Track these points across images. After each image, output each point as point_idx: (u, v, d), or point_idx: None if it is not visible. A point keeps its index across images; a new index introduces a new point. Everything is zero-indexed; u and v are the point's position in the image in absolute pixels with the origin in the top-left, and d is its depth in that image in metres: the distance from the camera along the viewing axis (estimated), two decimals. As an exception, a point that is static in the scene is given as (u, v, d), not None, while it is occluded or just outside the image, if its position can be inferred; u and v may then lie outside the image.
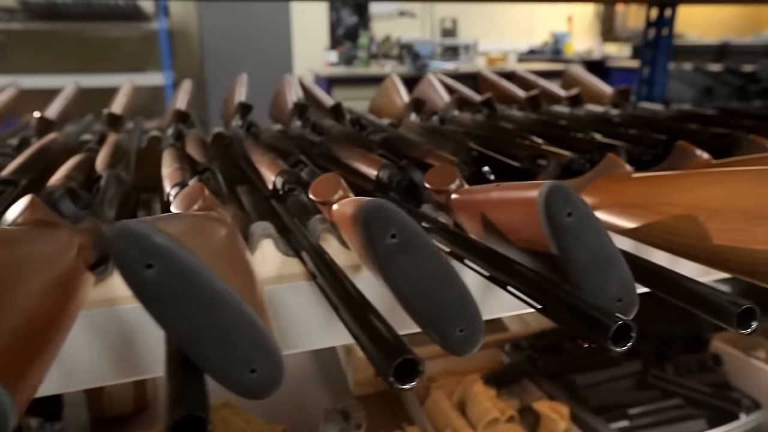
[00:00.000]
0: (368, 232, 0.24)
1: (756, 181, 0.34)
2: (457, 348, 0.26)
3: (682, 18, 4.02)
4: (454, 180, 0.43)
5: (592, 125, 0.78)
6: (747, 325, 0.28)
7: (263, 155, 0.57)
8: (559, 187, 0.27)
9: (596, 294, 0.29)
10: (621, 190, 0.43)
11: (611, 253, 0.28)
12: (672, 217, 0.37)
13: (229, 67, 3.45)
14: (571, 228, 0.27)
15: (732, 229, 0.33)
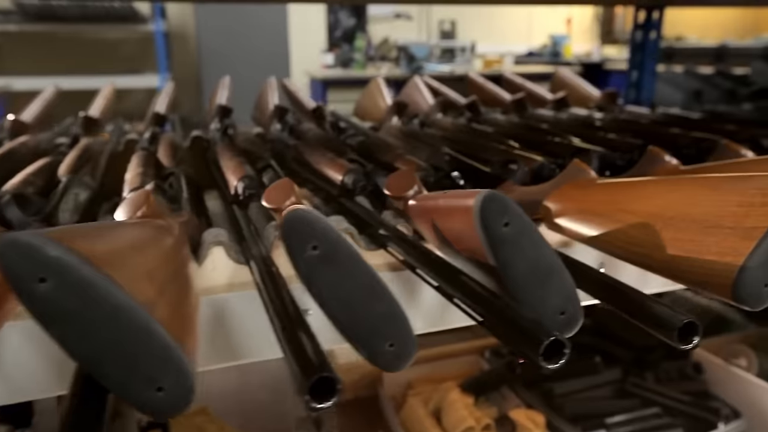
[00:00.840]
0: (289, 243, 0.23)
1: (711, 188, 0.33)
2: (386, 364, 0.26)
3: (682, 20, 4.02)
4: (412, 186, 0.42)
5: (573, 129, 0.77)
6: (689, 340, 0.27)
7: (230, 159, 0.56)
8: (494, 197, 0.26)
9: (537, 307, 0.28)
10: (584, 197, 0.42)
11: (552, 265, 0.27)
12: (630, 225, 0.36)
13: (226, 70, 3.44)
14: (508, 239, 0.26)
15: (686, 238, 0.32)
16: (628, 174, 0.50)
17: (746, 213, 0.31)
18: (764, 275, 0.29)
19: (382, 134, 0.80)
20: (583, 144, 0.63)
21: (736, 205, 0.31)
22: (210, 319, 0.39)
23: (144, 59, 3.29)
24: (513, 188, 0.49)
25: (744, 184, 0.32)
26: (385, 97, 0.98)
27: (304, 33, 3.67)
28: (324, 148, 0.63)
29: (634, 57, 1.12)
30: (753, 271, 0.29)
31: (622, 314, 0.29)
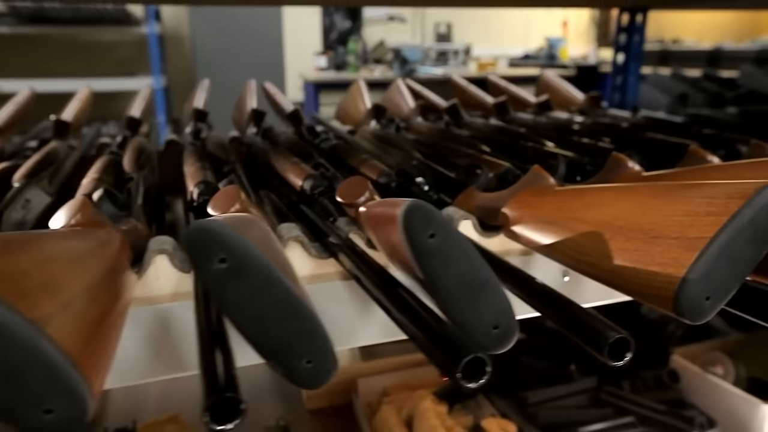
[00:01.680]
0: (193, 256, 0.22)
1: (659, 197, 0.32)
2: (305, 381, 0.25)
3: (679, 23, 4.01)
4: (363, 193, 0.41)
5: (550, 133, 0.76)
6: (620, 356, 0.26)
7: (192, 165, 0.55)
8: (417, 207, 0.25)
9: (469, 322, 0.27)
10: (540, 204, 0.41)
11: (484, 278, 0.26)
12: (580, 234, 0.35)
13: (220, 72, 3.44)
14: (434, 251, 0.25)
15: (632, 248, 0.31)
16: (592, 180, 0.49)
17: (691, 223, 0.30)
18: (705, 288, 0.28)
19: (357, 138, 0.80)
20: (554, 149, 0.62)
21: (681, 214, 0.30)
22: (155, 329, 0.39)
23: (138, 62, 3.29)
24: (474, 194, 0.48)
25: (691, 192, 0.31)
26: (365, 101, 0.97)
27: (299, 36, 3.67)
28: (290, 153, 0.62)
29: (618, 60, 1.11)
30: (694, 284, 0.28)
31: (557, 325, 0.28)
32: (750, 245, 0.28)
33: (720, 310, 0.30)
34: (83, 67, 3.14)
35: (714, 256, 0.28)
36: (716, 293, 0.28)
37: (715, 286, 0.28)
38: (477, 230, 0.45)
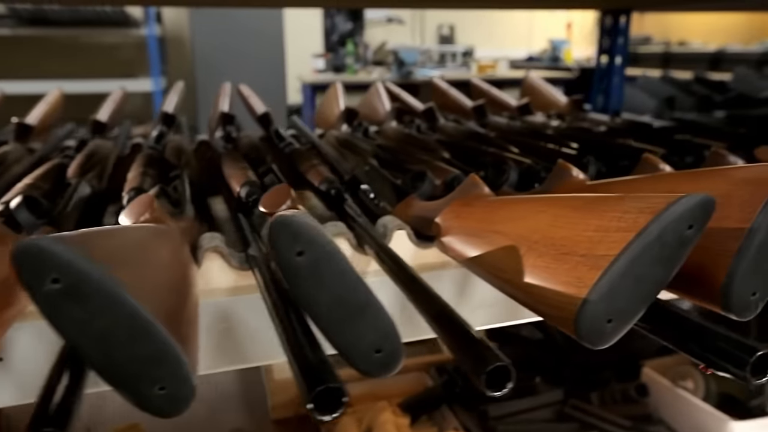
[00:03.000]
0: (21, 275, 0.21)
1: (576, 210, 0.31)
2: (158, 409, 0.23)
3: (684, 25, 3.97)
4: (284, 202, 0.39)
5: (519, 138, 0.74)
6: (500, 386, 0.24)
7: (132, 170, 0.54)
8: (284, 221, 0.23)
9: (347, 345, 0.25)
10: (468, 215, 0.39)
11: (362, 300, 0.25)
12: (499, 248, 0.33)
13: (221, 74, 3.44)
14: (303, 269, 0.24)
15: (543, 265, 0.29)
16: (538, 189, 0.47)
17: (600, 239, 0.28)
18: (607, 310, 0.26)
19: (323, 142, 0.78)
20: (512, 155, 0.60)
21: (593, 229, 0.29)
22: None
23: (139, 63, 3.29)
24: (413, 203, 0.46)
25: (605, 206, 0.29)
26: (339, 104, 0.96)
27: (300, 37, 3.66)
28: (243, 158, 0.60)
29: (602, 62, 1.09)
30: (594, 305, 0.26)
31: (447, 346, 0.26)
32: (657, 264, 0.26)
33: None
34: (84, 68, 3.15)
35: (617, 276, 0.26)
36: (619, 315, 0.26)
37: (617, 308, 0.26)
38: (412, 241, 0.43)
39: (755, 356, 0.24)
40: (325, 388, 0.23)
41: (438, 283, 0.44)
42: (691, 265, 0.31)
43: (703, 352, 0.26)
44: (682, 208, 0.26)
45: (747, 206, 0.30)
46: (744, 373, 0.24)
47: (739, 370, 0.25)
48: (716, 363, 0.26)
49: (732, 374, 0.25)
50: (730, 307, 0.29)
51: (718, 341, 0.26)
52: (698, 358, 0.27)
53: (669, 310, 0.29)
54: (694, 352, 0.27)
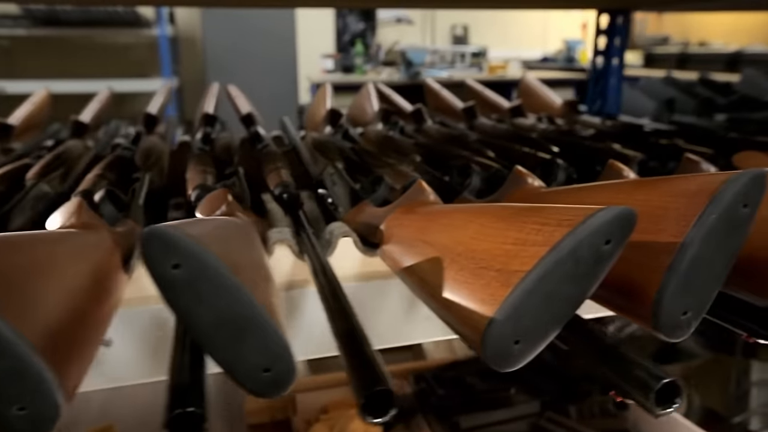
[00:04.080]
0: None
1: (500, 220, 0.29)
2: (20, 429, 0.22)
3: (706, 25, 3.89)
4: (220, 206, 0.38)
5: (499, 141, 0.72)
6: (381, 413, 0.22)
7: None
8: (157, 233, 0.22)
9: (232, 364, 0.24)
10: (407, 223, 0.37)
11: (248, 316, 0.23)
12: (426, 259, 0.32)
13: (232, 74, 3.45)
14: (180, 283, 0.22)
15: (461, 279, 0.28)
16: (492, 197, 0.45)
17: (516, 252, 0.26)
18: (514, 330, 0.24)
19: (302, 144, 0.77)
20: (482, 159, 0.58)
21: (512, 242, 0.27)
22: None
23: (151, 63, 3.32)
24: (364, 209, 0.45)
25: (527, 216, 0.27)
26: (326, 105, 0.95)
27: (312, 38, 3.67)
28: (207, 160, 0.59)
29: (598, 64, 1.06)
30: (500, 325, 0.24)
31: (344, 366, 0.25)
32: (570, 281, 0.25)
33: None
34: (97, 68, 3.19)
35: (524, 294, 0.24)
36: (527, 336, 0.25)
37: (525, 328, 0.24)
38: (359, 248, 0.42)
39: (660, 384, 0.23)
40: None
41: (384, 293, 0.43)
42: (624, 281, 0.29)
43: (611, 379, 0.25)
44: (598, 222, 0.24)
45: (682, 219, 0.28)
46: (648, 402, 0.22)
47: (644, 398, 0.23)
48: (624, 391, 0.24)
49: (637, 402, 0.23)
50: (659, 327, 0.27)
51: (628, 367, 0.24)
52: (607, 385, 0.25)
53: (586, 330, 0.27)
54: (606, 379, 0.25)
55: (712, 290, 0.28)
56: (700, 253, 0.27)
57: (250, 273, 0.28)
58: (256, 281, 0.27)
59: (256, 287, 0.25)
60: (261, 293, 0.26)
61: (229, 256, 0.26)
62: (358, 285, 0.43)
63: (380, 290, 0.43)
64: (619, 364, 0.25)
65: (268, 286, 0.29)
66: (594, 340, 0.26)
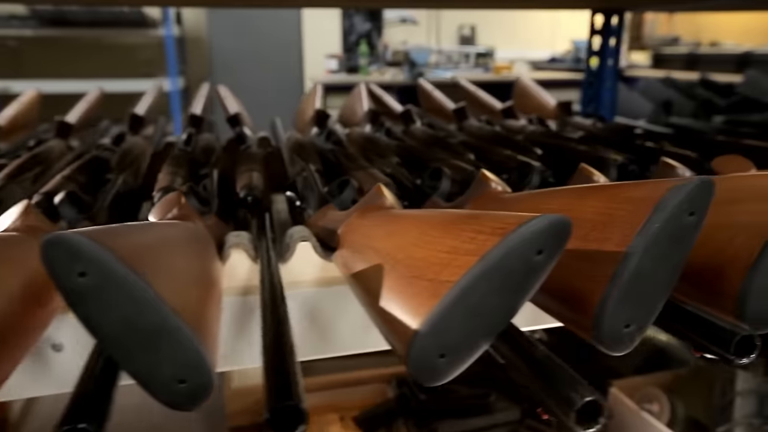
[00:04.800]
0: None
1: (440, 227, 0.28)
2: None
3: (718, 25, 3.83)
4: (172, 209, 0.37)
5: (482, 143, 0.71)
6: (289, 429, 0.21)
7: (59, 174, 0.53)
8: (61, 240, 0.21)
9: (144, 375, 0.23)
10: (361, 229, 0.36)
11: (159, 326, 0.22)
12: (369, 266, 0.31)
13: (237, 74, 3.47)
14: (85, 292, 0.21)
15: (396, 288, 0.27)
16: (457, 201, 0.44)
17: (449, 262, 0.25)
18: (438, 343, 0.23)
19: (283, 146, 0.76)
20: (461, 162, 0.57)
21: (447, 250, 0.26)
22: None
23: (158, 64, 3.33)
24: (326, 213, 0.44)
25: (465, 224, 0.26)
26: (314, 106, 0.94)
27: (318, 38, 3.67)
28: (185, 162, 0.59)
29: (592, 65, 1.04)
30: (424, 338, 0.23)
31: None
32: (500, 293, 0.24)
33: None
34: (104, 68, 3.21)
35: (450, 306, 0.23)
36: (454, 350, 0.23)
37: (451, 342, 0.23)
38: (318, 253, 0.41)
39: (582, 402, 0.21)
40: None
41: (348, 299, 0.42)
42: (569, 291, 0.28)
43: (537, 395, 0.23)
44: (529, 231, 0.23)
45: (627, 227, 0.26)
46: (569, 420, 0.21)
47: (565, 416, 0.22)
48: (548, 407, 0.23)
49: (559, 419, 0.22)
50: (601, 339, 0.26)
51: (556, 383, 0.23)
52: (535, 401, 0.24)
53: (521, 343, 0.26)
54: (533, 394, 0.24)
55: (657, 302, 0.26)
56: (643, 263, 0.26)
57: (181, 279, 0.27)
58: (185, 288, 0.27)
59: (180, 294, 0.25)
60: (185, 300, 0.25)
61: (153, 261, 0.25)
62: (320, 290, 0.42)
63: (343, 296, 0.42)
64: (547, 379, 0.24)
65: (203, 293, 0.28)
66: (527, 354, 0.25)
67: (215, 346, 0.28)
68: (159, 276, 0.24)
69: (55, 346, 0.38)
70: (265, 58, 3.54)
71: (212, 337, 0.27)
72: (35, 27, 2.83)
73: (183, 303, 0.24)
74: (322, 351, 0.43)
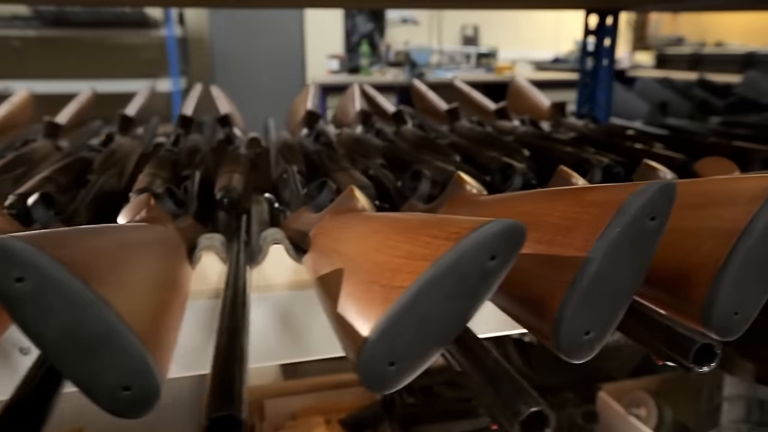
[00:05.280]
0: None
1: (400, 231, 0.27)
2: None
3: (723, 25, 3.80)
4: (140, 211, 0.37)
5: (471, 145, 0.70)
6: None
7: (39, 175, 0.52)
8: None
9: (87, 382, 0.22)
10: (330, 232, 0.36)
11: (103, 332, 0.22)
12: (332, 270, 0.30)
13: (239, 74, 3.47)
14: (24, 298, 0.21)
15: (352, 293, 0.26)
16: (434, 204, 0.43)
17: (403, 267, 0.25)
18: (388, 351, 0.23)
19: (272, 147, 0.76)
20: (443, 163, 0.57)
21: (403, 255, 0.25)
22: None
23: (160, 64, 3.34)
24: (301, 214, 0.43)
25: (423, 228, 0.26)
26: (306, 107, 0.94)
27: (321, 38, 3.66)
28: (169, 163, 0.59)
29: (586, 66, 1.04)
30: (373, 345, 0.23)
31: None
32: (452, 300, 0.23)
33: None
34: (106, 69, 3.22)
35: (401, 313, 0.23)
36: (404, 358, 0.23)
37: (402, 350, 0.23)
38: (290, 255, 0.40)
39: (526, 413, 0.21)
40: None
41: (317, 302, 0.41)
42: (531, 296, 0.27)
43: (487, 403, 0.23)
44: (482, 237, 0.23)
45: (589, 232, 0.26)
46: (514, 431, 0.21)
47: (510, 426, 0.21)
48: (495, 416, 0.22)
49: (506, 429, 0.22)
50: (560, 347, 0.25)
51: (505, 392, 0.23)
52: (486, 410, 0.23)
53: (476, 350, 0.26)
54: (483, 403, 0.23)
55: (618, 308, 0.26)
56: (603, 268, 0.25)
57: (135, 284, 0.26)
58: (138, 292, 0.26)
59: (130, 299, 0.24)
60: (136, 305, 0.24)
61: (102, 265, 0.24)
62: (294, 293, 0.42)
63: (316, 299, 0.42)
64: (496, 387, 0.23)
65: (162, 297, 0.28)
66: (479, 361, 0.25)
67: (169, 352, 0.28)
68: (107, 280, 0.23)
69: (23, 349, 0.38)
70: (268, 58, 3.55)
71: (166, 342, 0.26)
72: (38, 27, 2.84)
73: (133, 308, 0.24)
74: (295, 355, 0.42)
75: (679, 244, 0.30)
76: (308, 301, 0.41)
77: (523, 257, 0.29)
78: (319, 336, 0.41)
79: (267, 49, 3.54)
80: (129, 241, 0.29)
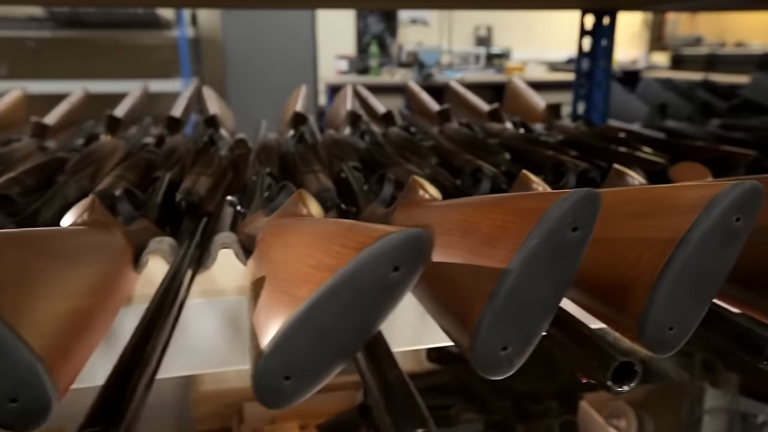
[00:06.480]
0: None
1: (319, 237, 0.26)
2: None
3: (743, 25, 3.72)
4: (83, 213, 0.36)
5: (453, 147, 0.69)
6: None
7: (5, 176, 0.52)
8: None
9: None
10: (268, 238, 0.35)
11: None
12: (261, 276, 0.29)
13: (251, 75, 3.49)
14: None
15: (268, 304, 0.25)
16: (390, 209, 0.42)
17: (310, 276, 0.24)
18: (282, 365, 0.22)
19: (255, 147, 0.75)
20: (412, 166, 0.56)
21: (313, 264, 0.24)
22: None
23: (172, 64, 3.37)
24: (255, 218, 0.43)
25: (338, 235, 0.25)
26: (295, 108, 0.93)
27: (332, 39, 3.67)
28: (144, 163, 0.58)
29: (582, 67, 1.02)
30: (268, 360, 0.22)
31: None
32: (351, 312, 0.22)
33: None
34: (119, 69, 3.25)
35: (296, 325, 0.22)
36: (300, 373, 0.22)
37: (297, 364, 0.22)
38: (240, 260, 0.40)
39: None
40: None
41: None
42: (455, 309, 0.26)
43: (386, 418, 0.22)
44: (384, 246, 0.22)
45: (512, 242, 0.25)
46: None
47: None
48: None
49: None
50: (476, 362, 0.24)
51: (403, 408, 0.22)
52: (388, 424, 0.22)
53: (383, 364, 0.24)
54: (382, 417, 0.22)
55: (539, 323, 0.25)
56: (522, 280, 0.24)
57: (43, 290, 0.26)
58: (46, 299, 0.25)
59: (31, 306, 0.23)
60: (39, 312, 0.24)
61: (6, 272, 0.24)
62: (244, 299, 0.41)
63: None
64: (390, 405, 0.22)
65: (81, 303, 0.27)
66: (381, 375, 0.24)
67: (83, 359, 0.27)
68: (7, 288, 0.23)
69: None
70: (280, 59, 3.55)
71: (75, 352, 0.26)
72: (52, 28, 2.88)
73: (36, 317, 0.23)
74: (245, 361, 0.41)
75: (623, 254, 0.28)
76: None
77: (454, 267, 0.28)
78: (269, 342, 0.41)
79: (279, 50, 3.54)
80: (53, 246, 0.29)
